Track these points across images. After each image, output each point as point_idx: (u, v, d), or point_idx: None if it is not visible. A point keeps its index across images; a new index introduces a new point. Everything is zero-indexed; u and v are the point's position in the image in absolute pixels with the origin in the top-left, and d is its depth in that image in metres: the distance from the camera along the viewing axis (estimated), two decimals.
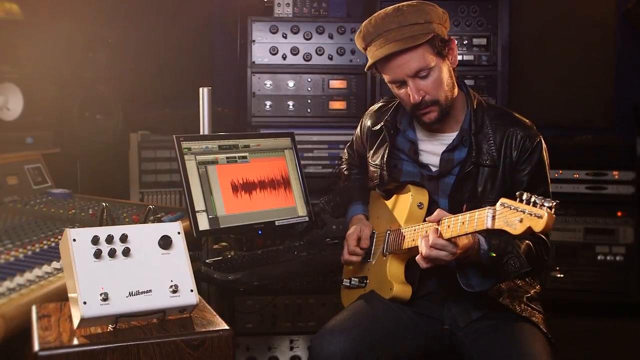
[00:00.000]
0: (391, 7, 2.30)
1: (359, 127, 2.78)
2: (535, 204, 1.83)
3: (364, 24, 2.35)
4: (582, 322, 4.06)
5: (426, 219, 2.24)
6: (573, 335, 3.70)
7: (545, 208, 1.80)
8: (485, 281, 2.20)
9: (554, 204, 1.81)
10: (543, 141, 2.39)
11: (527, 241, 2.23)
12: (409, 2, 2.32)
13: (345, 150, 2.98)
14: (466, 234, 2.06)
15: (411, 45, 2.21)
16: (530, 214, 1.82)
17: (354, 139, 2.84)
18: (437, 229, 2.09)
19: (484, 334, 2.33)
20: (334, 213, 2.88)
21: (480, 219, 1.98)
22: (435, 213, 2.15)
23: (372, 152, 2.63)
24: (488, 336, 2.31)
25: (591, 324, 4.07)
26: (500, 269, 2.18)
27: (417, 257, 2.14)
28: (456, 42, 2.39)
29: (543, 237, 2.29)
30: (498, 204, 1.94)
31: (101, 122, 3.81)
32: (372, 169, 2.63)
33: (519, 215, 1.85)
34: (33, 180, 3.25)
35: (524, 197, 1.86)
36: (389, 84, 2.38)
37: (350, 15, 4.20)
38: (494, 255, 2.15)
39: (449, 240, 2.06)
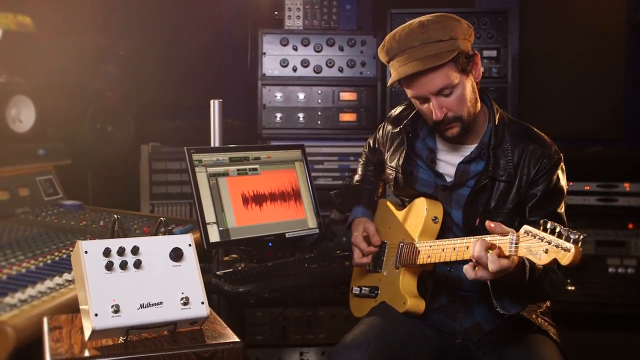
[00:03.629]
0: (416, 20, 2.25)
1: (381, 130, 2.75)
2: (560, 235, 1.79)
3: (387, 38, 2.31)
4: (593, 335, 4.03)
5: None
6: (584, 348, 3.68)
7: (572, 240, 1.76)
8: (517, 304, 2.17)
9: (581, 236, 1.76)
10: (562, 161, 2.35)
11: None
12: (434, 17, 2.26)
13: (366, 144, 2.93)
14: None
15: (435, 64, 2.17)
16: (557, 246, 1.79)
17: (377, 140, 2.80)
18: (496, 245, 1.98)
19: (497, 347, 2.31)
20: (341, 209, 2.86)
21: (503, 244, 1.96)
22: (494, 226, 2.02)
23: (389, 154, 2.62)
24: (501, 349, 2.29)
25: (602, 336, 4.04)
26: (539, 286, 2.15)
27: (467, 267, 2.03)
28: (479, 55, 2.35)
29: None
30: (522, 230, 1.92)
31: (112, 133, 3.83)
32: (388, 171, 2.62)
33: (544, 246, 1.83)
34: (44, 191, 3.27)
35: (549, 226, 1.83)
36: (411, 99, 2.36)
37: (360, 28, 4.22)
38: (538, 271, 2.11)
39: (511, 260, 1.96)
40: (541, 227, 1.86)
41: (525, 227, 1.92)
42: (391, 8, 4.02)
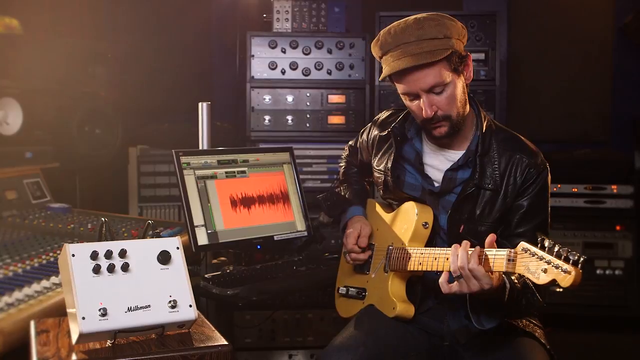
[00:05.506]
0: (412, 17, 2.26)
1: (365, 134, 2.74)
2: (559, 255, 1.79)
3: (381, 32, 2.31)
4: (581, 336, 4.06)
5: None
6: (572, 349, 3.69)
7: (571, 262, 1.76)
8: (492, 319, 2.17)
9: (582, 258, 1.75)
10: (548, 171, 2.35)
11: None
12: (430, 15, 2.26)
13: (346, 148, 2.94)
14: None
15: (429, 61, 2.18)
16: (556, 267, 1.78)
17: (359, 142, 2.79)
18: (481, 257, 2.02)
19: (484, 350, 2.31)
20: (330, 212, 2.81)
21: (499, 259, 1.96)
22: (488, 239, 2.05)
23: (377, 158, 2.61)
24: (489, 351, 2.29)
25: (590, 338, 4.07)
26: (515, 305, 2.16)
27: (442, 281, 2.07)
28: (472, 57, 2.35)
29: None
30: (519, 247, 1.92)
31: (100, 136, 3.82)
32: (376, 174, 2.61)
33: (542, 265, 1.82)
34: (32, 194, 3.25)
35: (546, 244, 1.83)
36: (401, 95, 2.35)
37: (348, 31, 4.22)
38: (517, 290, 2.12)
39: (488, 273, 2.00)
40: (539, 245, 1.85)
41: (523, 245, 1.91)
42: (379, 11, 4.03)
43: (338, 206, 2.78)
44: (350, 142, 2.91)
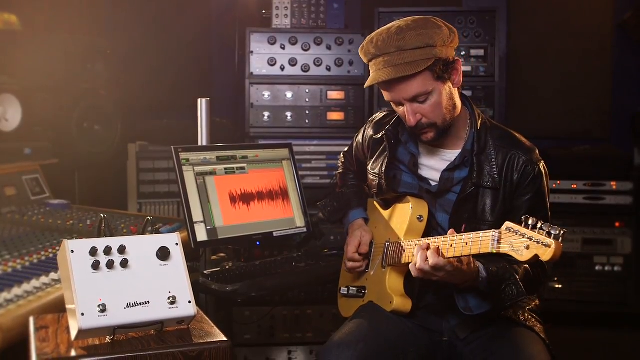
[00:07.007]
0: (395, 25, 2.24)
1: (360, 135, 2.74)
2: (541, 231, 1.82)
3: (366, 40, 2.31)
4: (580, 333, 4.05)
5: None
6: (571, 345, 3.69)
7: (552, 236, 1.80)
8: (483, 304, 2.19)
9: (562, 232, 1.80)
10: (544, 167, 2.36)
11: (526, 265, 2.22)
12: (414, 22, 2.23)
13: (342, 155, 2.95)
14: (469, 255, 2.06)
15: (409, 73, 2.17)
16: (538, 242, 1.82)
17: (355, 145, 2.79)
18: (438, 248, 2.07)
19: (484, 345, 2.32)
20: (331, 218, 2.82)
21: (485, 241, 1.98)
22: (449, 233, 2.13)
23: (372, 160, 2.61)
24: (488, 346, 2.30)
25: (589, 334, 4.06)
26: (497, 296, 2.18)
27: (411, 265, 2.12)
28: (461, 61, 2.34)
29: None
30: (503, 227, 1.94)
31: (99, 133, 3.82)
32: (371, 177, 2.61)
33: (525, 242, 1.85)
34: (31, 191, 3.25)
35: (530, 222, 1.85)
36: (388, 101, 2.37)
37: (348, 27, 4.22)
38: (491, 282, 2.16)
39: (448, 260, 2.04)
40: (522, 224, 1.88)
41: (507, 224, 1.94)
42: (379, 7, 4.02)
43: (338, 211, 2.79)
44: (345, 149, 2.92)
